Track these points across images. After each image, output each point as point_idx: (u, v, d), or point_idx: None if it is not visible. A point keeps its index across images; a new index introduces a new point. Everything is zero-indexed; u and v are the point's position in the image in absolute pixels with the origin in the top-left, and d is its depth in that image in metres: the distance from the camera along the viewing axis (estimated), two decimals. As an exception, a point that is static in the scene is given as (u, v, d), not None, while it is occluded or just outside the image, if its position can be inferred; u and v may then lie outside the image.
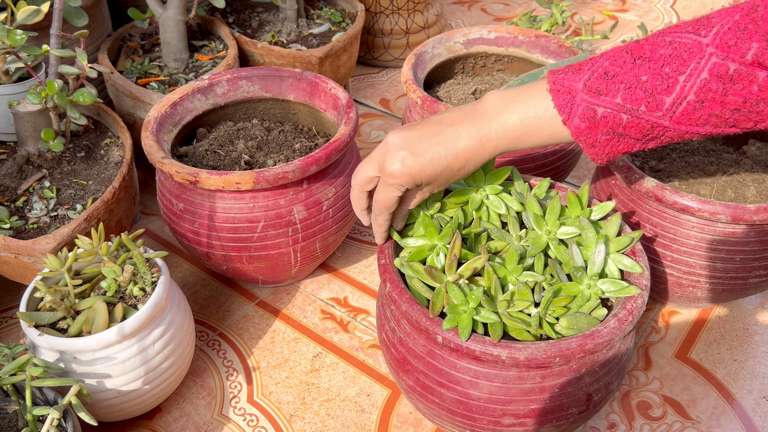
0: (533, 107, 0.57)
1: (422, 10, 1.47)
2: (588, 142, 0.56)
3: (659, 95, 0.52)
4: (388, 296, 0.63)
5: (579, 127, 0.55)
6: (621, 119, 0.53)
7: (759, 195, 0.78)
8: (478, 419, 0.62)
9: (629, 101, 0.53)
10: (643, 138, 0.54)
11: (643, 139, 0.55)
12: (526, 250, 0.65)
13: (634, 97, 0.52)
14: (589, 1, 1.77)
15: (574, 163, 0.96)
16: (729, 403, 0.79)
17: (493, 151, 0.59)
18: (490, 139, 0.58)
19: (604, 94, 0.53)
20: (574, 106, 0.55)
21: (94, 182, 0.89)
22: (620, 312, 0.59)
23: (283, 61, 1.13)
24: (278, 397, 0.81)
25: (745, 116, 0.51)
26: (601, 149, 0.56)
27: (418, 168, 0.59)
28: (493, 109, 0.58)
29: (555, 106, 0.55)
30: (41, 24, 0.88)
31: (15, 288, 0.96)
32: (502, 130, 0.58)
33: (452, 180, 0.62)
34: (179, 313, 0.75)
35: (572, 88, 0.55)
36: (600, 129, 0.54)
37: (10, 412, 0.64)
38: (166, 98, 0.90)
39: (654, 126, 0.53)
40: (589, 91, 0.54)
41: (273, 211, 0.79)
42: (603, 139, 0.55)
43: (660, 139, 0.54)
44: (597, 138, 0.55)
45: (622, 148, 0.56)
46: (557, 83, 0.55)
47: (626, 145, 0.55)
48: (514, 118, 0.57)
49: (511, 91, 0.59)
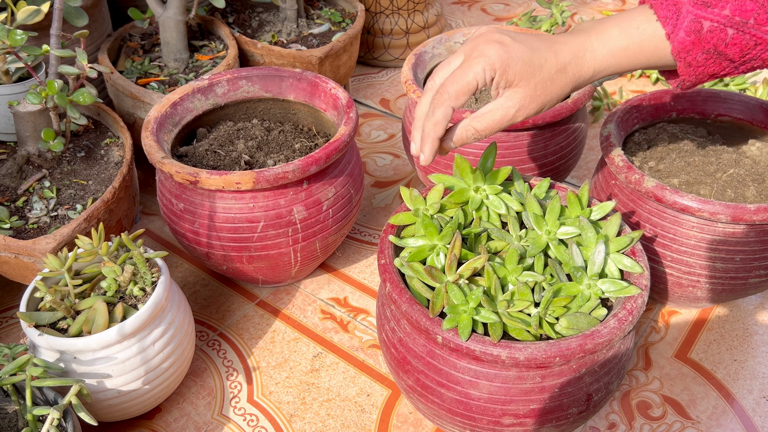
0: (634, 20, 0.54)
1: (422, 10, 1.47)
2: (687, 61, 0.53)
3: None
4: (388, 296, 0.63)
5: (683, 42, 0.52)
6: (726, 34, 0.51)
7: (759, 195, 0.78)
8: (478, 419, 0.62)
9: (739, 13, 0.50)
10: (740, 59, 0.52)
11: (739, 61, 0.53)
12: (526, 250, 0.65)
13: (744, 9, 0.50)
14: (589, 1, 1.77)
15: (574, 163, 0.96)
16: (729, 403, 0.79)
17: (593, 66, 0.55)
18: (592, 50, 0.55)
19: (712, 6, 0.51)
20: (680, 18, 0.52)
21: (94, 182, 0.89)
22: (620, 312, 0.59)
23: (283, 61, 1.13)
24: (278, 397, 0.81)
25: None
26: (695, 69, 0.54)
27: (516, 53, 0.53)
28: (591, 27, 0.56)
29: (658, 18, 0.53)
30: (41, 24, 0.88)
31: (15, 288, 0.96)
32: (603, 43, 0.54)
33: (552, 93, 0.55)
34: (179, 313, 0.75)
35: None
36: (703, 46, 0.52)
37: (10, 412, 0.64)
38: (166, 98, 0.90)
39: (758, 42, 0.51)
40: (695, 4, 0.51)
41: (273, 211, 0.79)
42: (702, 58, 0.53)
43: (753, 62, 0.52)
44: (696, 56, 0.53)
45: (712, 71, 0.54)
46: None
47: (719, 67, 0.53)
48: (614, 32, 0.54)
49: (609, 16, 0.57)
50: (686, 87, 0.56)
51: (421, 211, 0.68)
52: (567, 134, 0.91)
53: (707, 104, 0.90)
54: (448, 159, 0.91)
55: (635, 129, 0.88)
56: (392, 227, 0.69)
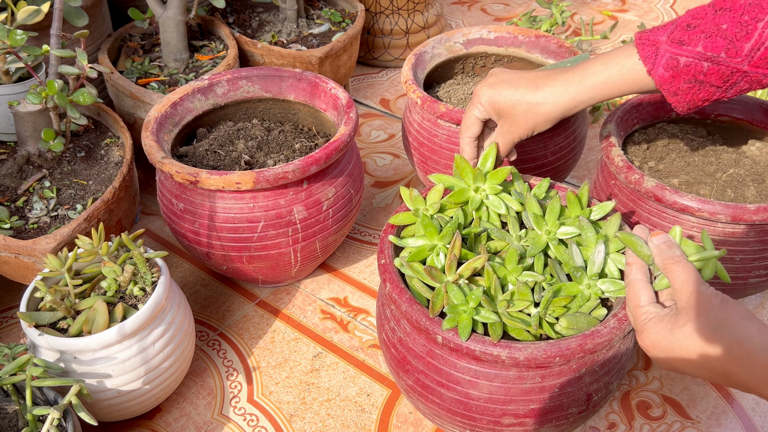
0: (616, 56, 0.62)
1: (422, 10, 1.47)
2: (671, 91, 0.60)
3: (738, 42, 0.56)
4: (388, 296, 0.63)
5: (663, 77, 0.59)
6: (702, 67, 0.57)
7: (759, 195, 0.78)
8: (478, 419, 0.62)
9: (710, 49, 0.57)
10: (723, 85, 0.58)
11: (723, 86, 0.58)
12: (525, 250, 0.65)
13: (714, 45, 0.56)
14: (589, 1, 1.77)
15: (574, 163, 0.96)
16: (729, 402, 0.79)
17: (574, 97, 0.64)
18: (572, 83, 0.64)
19: (686, 44, 0.58)
20: (658, 56, 0.59)
21: (94, 182, 0.89)
22: (620, 312, 0.59)
23: (283, 61, 1.13)
24: (278, 397, 0.81)
25: None
26: (683, 97, 0.60)
27: (498, 91, 0.66)
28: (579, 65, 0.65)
29: (640, 57, 0.60)
30: (41, 24, 0.88)
31: (15, 288, 0.96)
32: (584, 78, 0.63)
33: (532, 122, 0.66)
34: (179, 313, 0.75)
35: (656, 40, 0.59)
36: (682, 77, 0.59)
37: (10, 412, 0.64)
38: (166, 98, 0.90)
39: (733, 72, 0.57)
40: (672, 42, 0.58)
41: (273, 211, 0.79)
42: (685, 87, 0.59)
43: (739, 86, 0.58)
44: (680, 86, 0.59)
45: (703, 96, 0.60)
46: (642, 38, 0.61)
47: (707, 93, 0.59)
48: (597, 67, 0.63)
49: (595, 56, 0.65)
50: (681, 112, 0.62)
51: (421, 211, 0.68)
52: (567, 134, 0.91)
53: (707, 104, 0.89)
54: (448, 159, 0.91)
55: (635, 129, 0.88)
56: (392, 227, 0.69)
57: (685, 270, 0.51)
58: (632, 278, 0.56)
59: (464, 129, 0.71)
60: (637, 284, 0.55)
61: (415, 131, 0.95)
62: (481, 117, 0.70)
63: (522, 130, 0.68)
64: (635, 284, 0.55)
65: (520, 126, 0.67)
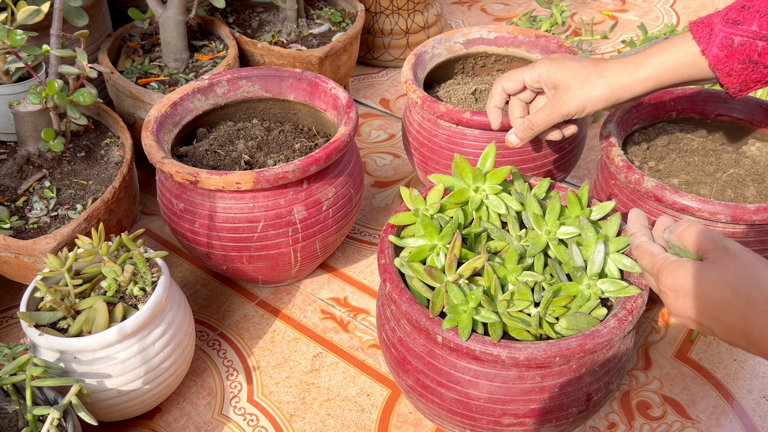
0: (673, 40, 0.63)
1: (422, 10, 1.47)
2: (725, 71, 0.60)
3: None
4: (388, 296, 0.63)
5: (717, 56, 0.60)
6: (756, 46, 0.58)
7: (759, 195, 0.78)
8: (478, 419, 0.62)
9: (765, 27, 0.57)
10: None
11: None
12: (525, 250, 0.65)
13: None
14: (589, 1, 1.77)
15: (574, 163, 0.96)
16: (729, 402, 0.79)
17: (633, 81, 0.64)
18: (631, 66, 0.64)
19: (741, 23, 0.58)
20: (712, 36, 0.60)
21: (94, 182, 0.89)
22: (620, 312, 0.59)
23: (283, 61, 1.13)
24: (278, 397, 0.81)
25: None
26: (736, 78, 0.61)
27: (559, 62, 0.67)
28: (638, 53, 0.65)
29: (693, 37, 0.61)
30: (41, 24, 0.88)
31: (15, 288, 0.96)
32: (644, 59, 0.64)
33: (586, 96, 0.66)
34: (179, 312, 0.75)
35: (711, 22, 0.60)
36: (737, 57, 0.59)
37: (10, 412, 0.64)
38: (166, 98, 0.90)
39: None
40: (726, 23, 0.59)
41: (273, 211, 0.79)
42: (739, 67, 0.60)
43: None
44: (733, 66, 0.60)
45: (756, 77, 0.60)
46: (696, 21, 0.62)
47: (760, 74, 0.60)
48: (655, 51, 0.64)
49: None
50: (733, 93, 0.62)
51: (421, 211, 0.68)
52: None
53: (707, 104, 0.90)
54: (448, 159, 0.92)
55: (635, 129, 0.88)
56: (392, 227, 0.69)
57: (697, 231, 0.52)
58: (638, 242, 0.56)
59: (506, 78, 0.71)
60: (645, 244, 0.55)
61: (415, 131, 0.95)
62: (529, 81, 0.70)
63: (572, 104, 0.67)
64: (643, 245, 0.55)
65: (572, 98, 0.66)
